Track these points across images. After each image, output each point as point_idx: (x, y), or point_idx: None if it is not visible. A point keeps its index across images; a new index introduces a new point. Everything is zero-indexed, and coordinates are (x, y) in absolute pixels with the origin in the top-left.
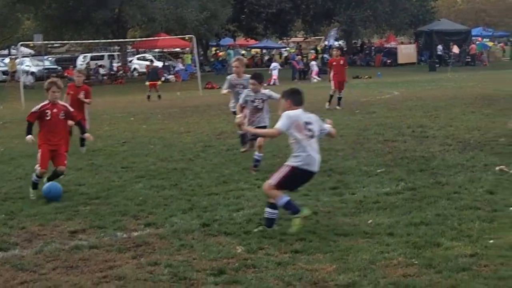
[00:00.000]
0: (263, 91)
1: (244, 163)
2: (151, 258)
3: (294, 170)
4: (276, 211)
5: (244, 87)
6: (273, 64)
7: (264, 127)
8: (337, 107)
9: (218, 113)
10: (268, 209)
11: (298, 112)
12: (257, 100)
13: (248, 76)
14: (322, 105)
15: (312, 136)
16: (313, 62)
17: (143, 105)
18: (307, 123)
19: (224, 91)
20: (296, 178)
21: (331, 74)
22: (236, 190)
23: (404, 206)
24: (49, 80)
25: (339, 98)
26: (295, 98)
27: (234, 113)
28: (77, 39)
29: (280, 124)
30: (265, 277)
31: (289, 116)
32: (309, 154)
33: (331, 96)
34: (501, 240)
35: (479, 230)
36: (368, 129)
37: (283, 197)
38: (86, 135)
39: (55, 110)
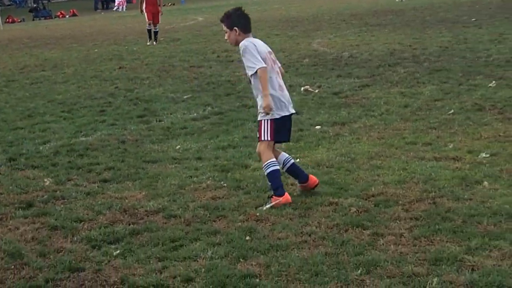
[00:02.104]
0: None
1: (49, 96)
2: None
3: None
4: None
5: None
6: None
7: None
8: (154, 43)
9: (21, 47)
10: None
11: None
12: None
13: None
14: (126, 35)
15: None
16: None
17: None
18: None
19: None
20: None
21: (143, 5)
22: (41, 123)
23: (212, 130)
24: None
25: (155, 33)
26: None
27: None
28: None
29: None
30: (75, 207)
31: None
32: None
33: (149, 31)
34: (307, 159)
35: (285, 150)
36: (174, 56)
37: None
38: None
39: None
